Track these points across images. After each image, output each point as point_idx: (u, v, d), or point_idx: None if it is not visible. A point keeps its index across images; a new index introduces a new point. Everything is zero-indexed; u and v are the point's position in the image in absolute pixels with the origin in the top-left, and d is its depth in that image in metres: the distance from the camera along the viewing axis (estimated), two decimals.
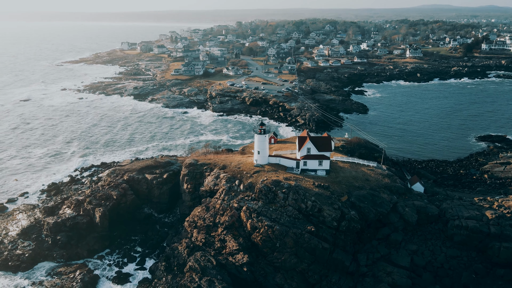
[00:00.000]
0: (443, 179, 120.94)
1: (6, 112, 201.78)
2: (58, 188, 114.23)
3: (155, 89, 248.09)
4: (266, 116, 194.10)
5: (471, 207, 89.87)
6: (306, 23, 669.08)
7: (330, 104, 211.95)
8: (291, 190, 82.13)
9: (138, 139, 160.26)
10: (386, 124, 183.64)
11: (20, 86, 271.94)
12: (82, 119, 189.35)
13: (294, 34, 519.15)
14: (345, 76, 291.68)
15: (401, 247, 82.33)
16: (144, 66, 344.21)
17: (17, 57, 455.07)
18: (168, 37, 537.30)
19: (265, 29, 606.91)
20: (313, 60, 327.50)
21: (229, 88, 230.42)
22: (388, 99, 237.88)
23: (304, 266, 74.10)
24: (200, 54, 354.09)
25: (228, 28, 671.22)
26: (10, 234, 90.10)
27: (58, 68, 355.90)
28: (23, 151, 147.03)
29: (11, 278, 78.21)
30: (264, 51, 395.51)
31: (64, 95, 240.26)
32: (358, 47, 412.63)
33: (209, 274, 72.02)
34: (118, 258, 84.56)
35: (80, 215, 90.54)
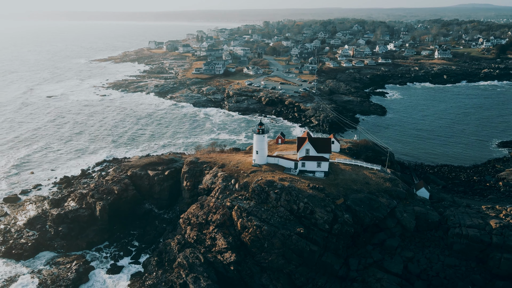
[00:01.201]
0: (454, 185, 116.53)
1: (30, 108, 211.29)
2: (69, 182, 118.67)
3: (175, 87, 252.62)
4: (280, 116, 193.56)
5: (475, 215, 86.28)
6: (333, 23, 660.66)
7: (347, 105, 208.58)
8: (283, 191, 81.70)
9: (151, 136, 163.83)
10: (403, 127, 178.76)
11: (51, 82, 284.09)
12: (101, 115, 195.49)
13: (320, 34, 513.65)
14: (367, 77, 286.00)
15: (396, 254, 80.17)
16: (168, 64, 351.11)
17: (55, 54, 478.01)
18: (194, 37, 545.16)
19: (291, 29, 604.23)
20: (336, 61, 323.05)
21: (246, 88, 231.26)
22: (409, 101, 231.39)
23: (292, 267, 73.57)
24: (223, 53, 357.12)
25: (255, 28, 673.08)
26: (17, 224, 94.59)
27: (88, 66, 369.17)
28: (42, 145, 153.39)
29: (13, 265, 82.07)
30: (288, 51, 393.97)
31: (88, 92, 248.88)
32: (385, 48, 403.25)
33: (196, 271, 72.89)
34: (114, 251, 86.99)
35: (82, 208, 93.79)
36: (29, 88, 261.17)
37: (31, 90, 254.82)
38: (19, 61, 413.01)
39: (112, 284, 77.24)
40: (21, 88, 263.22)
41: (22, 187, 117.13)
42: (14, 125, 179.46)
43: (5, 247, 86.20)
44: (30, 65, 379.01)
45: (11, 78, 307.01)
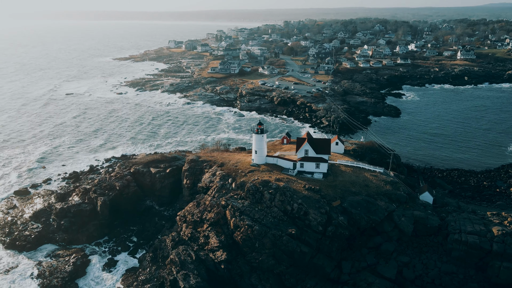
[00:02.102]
0: (462, 190, 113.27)
1: (52, 105, 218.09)
2: (77, 177, 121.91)
3: (190, 86, 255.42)
4: (291, 116, 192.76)
5: (478, 221, 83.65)
6: (355, 23, 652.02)
7: (360, 106, 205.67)
8: (278, 191, 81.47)
9: (162, 134, 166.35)
10: (416, 129, 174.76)
11: (75, 80, 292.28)
12: (115, 113, 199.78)
13: (340, 34, 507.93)
14: (384, 78, 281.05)
15: (392, 258, 78.69)
16: (185, 63, 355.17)
17: (83, 52, 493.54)
18: (214, 36, 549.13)
19: (311, 29, 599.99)
20: (353, 61, 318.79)
21: (259, 87, 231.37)
22: (426, 103, 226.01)
23: (282, 268, 73.30)
24: (239, 53, 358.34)
25: (275, 28, 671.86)
26: (24, 216, 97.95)
27: (110, 64, 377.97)
28: (56, 141, 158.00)
29: (16, 256, 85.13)
30: (306, 51, 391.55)
31: (106, 90, 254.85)
32: (406, 48, 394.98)
33: (187, 268, 73.65)
34: (113, 246, 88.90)
35: (85, 202, 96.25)
36: (55, 85, 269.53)
37: (56, 87, 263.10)
38: (49, 59, 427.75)
39: (107, 278, 79.03)
40: (47, 85, 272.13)
41: (33, 181, 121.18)
42: (35, 121, 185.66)
43: (10, 238, 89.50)
44: (58, 63, 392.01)
45: (40, 75, 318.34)
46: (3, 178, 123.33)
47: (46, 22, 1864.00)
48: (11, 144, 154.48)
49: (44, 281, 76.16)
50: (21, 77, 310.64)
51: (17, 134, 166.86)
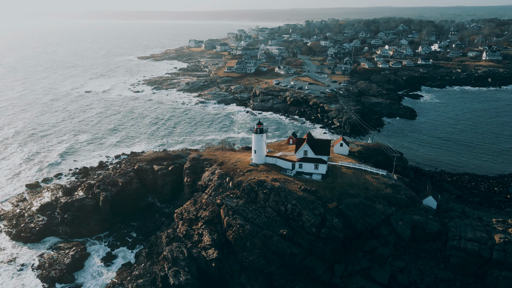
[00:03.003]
0: (470, 195, 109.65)
1: (74, 102, 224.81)
2: (86, 172, 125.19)
3: (205, 85, 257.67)
4: (303, 117, 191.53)
5: (480, 228, 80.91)
6: (378, 22, 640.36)
7: (375, 107, 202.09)
8: (272, 192, 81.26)
9: (173, 132, 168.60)
10: (431, 132, 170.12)
11: (98, 78, 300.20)
12: (130, 111, 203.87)
13: (361, 33, 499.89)
14: (403, 78, 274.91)
15: (387, 263, 77.20)
16: (204, 63, 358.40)
17: (110, 51, 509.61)
18: (234, 36, 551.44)
19: (332, 29, 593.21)
20: (372, 61, 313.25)
21: (273, 87, 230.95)
22: (444, 105, 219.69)
23: (273, 269, 73.09)
24: (257, 53, 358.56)
25: (296, 27, 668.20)
26: (31, 209, 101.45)
27: (131, 63, 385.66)
28: (72, 137, 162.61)
29: (20, 248, 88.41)
30: (325, 50, 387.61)
31: (124, 88, 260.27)
32: (428, 48, 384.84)
33: (179, 265, 74.55)
34: (113, 241, 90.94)
35: (88, 197, 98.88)
36: (80, 83, 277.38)
37: (81, 85, 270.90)
38: (77, 57, 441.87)
39: (104, 271, 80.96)
40: (73, 82, 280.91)
41: (44, 176, 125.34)
42: (59, 117, 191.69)
43: (16, 230, 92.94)
44: (85, 61, 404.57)
45: (67, 72, 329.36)
46: (22, 172, 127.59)
47: (67, 21, 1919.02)
48: (37, 138, 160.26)
49: (43, 272, 78.79)
50: (51, 74, 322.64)
51: (44, 128, 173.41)
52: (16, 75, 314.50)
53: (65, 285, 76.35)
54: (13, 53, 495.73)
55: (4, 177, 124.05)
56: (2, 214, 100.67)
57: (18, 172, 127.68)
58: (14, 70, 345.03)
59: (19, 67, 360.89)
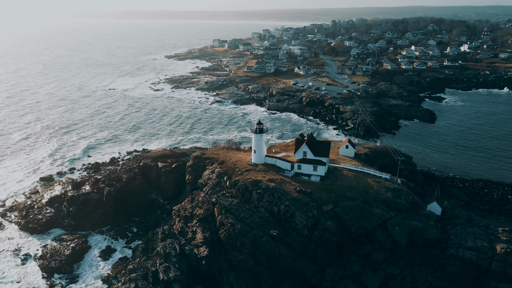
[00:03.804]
0: (481, 203, 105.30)
1: (97, 99, 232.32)
2: (98, 167, 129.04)
3: (223, 84, 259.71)
4: (317, 118, 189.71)
5: (482, 237, 77.76)
6: (407, 22, 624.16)
7: (392, 109, 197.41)
8: (266, 192, 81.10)
9: (186, 130, 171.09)
10: (449, 135, 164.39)
11: (124, 77, 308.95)
12: (147, 109, 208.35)
13: (387, 33, 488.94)
14: (426, 80, 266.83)
15: (380, 268, 75.51)
16: (225, 62, 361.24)
17: (140, 50, 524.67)
18: (258, 35, 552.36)
19: (359, 29, 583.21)
20: (395, 62, 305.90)
21: (290, 87, 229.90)
22: (468, 108, 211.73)
23: (262, 269, 72.91)
24: (279, 53, 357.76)
25: (322, 27, 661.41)
26: (41, 201, 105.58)
27: (156, 62, 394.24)
28: (90, 133, 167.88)
29: (27, 238, 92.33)
30: (348, 51, 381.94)
31: (145, 86, 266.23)
32: (457, 49, 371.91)
33: (170, 261, 75.75)
34: (113, 235, 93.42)
35: (93, 192, 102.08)
36: (107, 81, 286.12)
37: (108, 83, 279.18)
38: (109, 56, 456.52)
39: (101, 264, 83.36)
40: (101, 80, 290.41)
41: (58, 169, 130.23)
42: (87, 113, 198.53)
43: (25, 220, 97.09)
44: (115, 60, 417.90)
45: (98, 70, 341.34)
46: (42, 165, 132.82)
47: (88, 21, 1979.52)
48: (62, 134, 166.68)
49: (43, 262, 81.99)
50: (83, 71, 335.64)
51: (70, 123, 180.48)
52: (51, 72, 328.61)
53: (63, 276, 79.12)
54: (49, 51, 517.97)
55: (26, 170, 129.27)
56: (15, 205, 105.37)
57: (38, 165, 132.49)
58: (49, 67, 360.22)
59: (54, 65, 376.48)
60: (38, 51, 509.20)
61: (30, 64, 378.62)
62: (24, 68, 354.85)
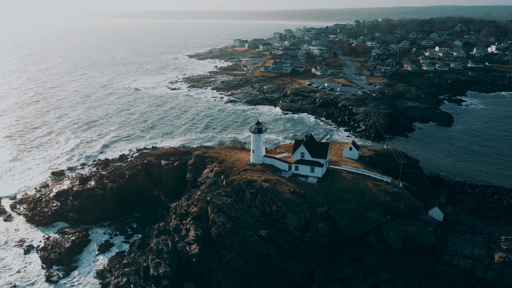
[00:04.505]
0: (488, 210, 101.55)
1: (116, 98, 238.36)
2: (107, 163, 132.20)
3: (239, 84, 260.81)
4: (330, 119, 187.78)
5: (481, 245, 75.19)
6: (434, 22, 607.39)
7: (408, 111, 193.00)
8: (259, 192, 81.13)
9: (196, 129, 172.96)
10: (464, 140, 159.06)
11: (145, 75, 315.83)
12: (163, 107, 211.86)
13: (412, 34, 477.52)
14: (447, 82, 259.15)
15: (372, 273, 74.22)
16: (244, 62, 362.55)
17: (165, 49, 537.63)
18: (279, 35, 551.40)
19: (382, 29, 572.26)
20: (416, 63, 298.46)
21: (305, 88, 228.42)
22: (489, 112, 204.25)
23: (251, 269, 73.04)
24: (298, 53, 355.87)
25: (345, 27, 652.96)
26: (49, 195, 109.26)
27: (178, 61, 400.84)
28: (105, 130, 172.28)
29: (32, 230, 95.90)
30: (369, 51, 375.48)
31: (163, 85, 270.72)
32: (484, 50, 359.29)
33: (162, 257, 76.98)
34: (114, 230, 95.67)
35: (97, 187, 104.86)
36: (130, 80, 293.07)
37: (132, 82, 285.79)
38: (134, 55, 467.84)
39: (98, 258, 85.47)
40: (124, 79, 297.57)
41: (70, 165, 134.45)
42: (102, 111, 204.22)
43: (32, 213, 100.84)
44: (141, 58, 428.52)
45: (124, 69, 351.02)
46: (56, 161, 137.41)
47: (112, 21, 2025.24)
48: (83, 130, 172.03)
49: (44, 254, 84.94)
50: (109, 70, 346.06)
51: (91, 120, 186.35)
52: (78, 71, 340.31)
53: (61, 267, 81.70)
54: (77, 50, 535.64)
55: (42, 164, 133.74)
56: (24, 198, 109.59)
57: (54, 161, 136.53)
58: (77, 66, 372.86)
59: (82, 63, 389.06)
60: (67, 50, 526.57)
61: (59, 63, 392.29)
62: (54, 66, 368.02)
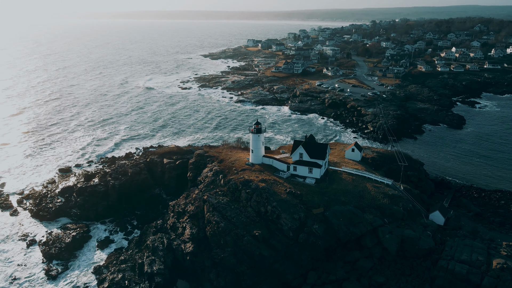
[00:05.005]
0: (493, 215, 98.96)
1: (129, 96, 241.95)
2: (113, 161, 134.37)
3: (250, 84, 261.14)
4: (338, 120, 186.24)
5: (480, 250, 73.59)
6: (453, 22, 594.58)
7: (418, 113, 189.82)
8: (255, 192, 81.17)
9: (204, 129, 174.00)
10: (473, 143, 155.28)
11: (159, 75, 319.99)
12: (172, 106, 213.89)
13: (428, 34, 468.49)
14: (462, 83, 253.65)
15: (366, 276, 73.43)
16: (256, 62, 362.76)
17: (182, 48, 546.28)
18: (293, 35, 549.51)
19: (398, 29, 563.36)
20: (430, 64, 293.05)
21: (314, 88, 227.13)
22: (504, 114, 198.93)
23: (243, 268, 73.17)
24: (310, 53, 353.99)
25: (360, 28, 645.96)
26: (55, 191, 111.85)
27: (192, 61, 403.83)
28: (117, 128, 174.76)
29: (36, 224, 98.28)
30: (383, 52, 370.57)
31: (174, 85, 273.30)
32: (503, 51, 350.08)
33: (157, 255, 77.88)
34: (114, 226, 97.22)
35: (100, 184, 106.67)
36: (145, 79, 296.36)
37: (146, 81, 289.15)
38: (151, 54, 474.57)
39: (97, 254, 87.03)
40: (139, 78, 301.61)
41: (77, 162, 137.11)
42: (112, 110, 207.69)
43: (37, 208, 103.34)
44: (157, 58, 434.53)
45: (140, 68, 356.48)
46: (67, 158, 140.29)
47: (127, 21, 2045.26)
48: (96, 128, 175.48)
49: (45, 248, 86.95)
50: (126, 69, 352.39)
51: (105, 119, 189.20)
52: (97, 70, 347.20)
53: (60, 262, 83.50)
54: (99, 49, 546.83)
55: (53, 161, 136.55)
56: (31, 194, 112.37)
57: (65, 158, 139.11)
58: (96, 64, 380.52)
59: (100, 62, 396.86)
60: (86, 50, 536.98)
61: (78, 62, 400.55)
62: (73, 65, 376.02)
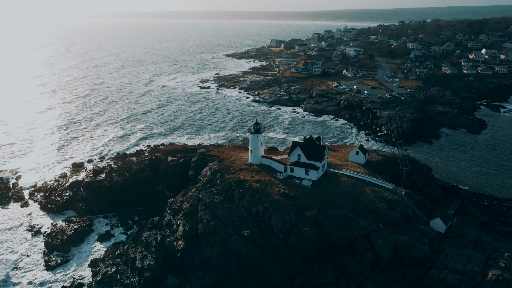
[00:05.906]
0: (501, 224, 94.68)
1: (149, 96, 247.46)
2: (123, 157, 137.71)
3: (268, 84, 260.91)
4: (352, 122, 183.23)
5: (477, 260, 70.82)
6: (486, 23, 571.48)
7: (437, 116, 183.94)
8: (248, 192, 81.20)
9: (215, 128, 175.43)
10: (490, 150, 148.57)
11: (179, 74, 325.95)
12: (190, 106, 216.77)
13: (458, 35, 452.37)
14: (489, 86, 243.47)
15: (357, 281, 72.10)
16: (277, 62, 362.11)
17: (209, 48, 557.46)
18: (317, 36, 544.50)
19: (427, 30, 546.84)
20: (456, 66, 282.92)
21: (331, 89, 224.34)
22: None
23: (232, 268, 73.38)
24: (332, 54, 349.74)
25: (388, 28, 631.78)
26: (64, 185, 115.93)
27: (214, 60, 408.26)
28: (132, 127, 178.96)
29: (43, 216, 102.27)
30: (408, 53, 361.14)
31: (194, 84, 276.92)
32: None
33: (149, 250, 79.37)
34: (116, 221, 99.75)
35: (106, 180, 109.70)
36: (169, 78, 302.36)
37: (170, 80, 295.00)
38: (178, 54, 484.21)
39: (96, 247, 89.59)
40: (165, 78, 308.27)
41: (89, 157, 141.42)
42: (135, 109, 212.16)
43: (46, 201, 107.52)
44: (185, 57, 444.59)
45: (166, 67, 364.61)
46: (81, 154, 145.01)
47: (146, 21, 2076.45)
48: (117, 125, 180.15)
49: (48, 239, 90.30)
50: (153, 68, 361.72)
51: (128, 116, 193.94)
52: (126, 68, 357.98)
53: (60, 254, 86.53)
54: (130, 48, 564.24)
55: (68, 156, 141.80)
56: (43, 187, 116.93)
57: (82, 155, 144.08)
58: (125, 63, 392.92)
59: (130, 61, 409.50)
60: (118, 49, 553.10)
61: (109, 61, 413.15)
62: (104, 64, 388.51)
